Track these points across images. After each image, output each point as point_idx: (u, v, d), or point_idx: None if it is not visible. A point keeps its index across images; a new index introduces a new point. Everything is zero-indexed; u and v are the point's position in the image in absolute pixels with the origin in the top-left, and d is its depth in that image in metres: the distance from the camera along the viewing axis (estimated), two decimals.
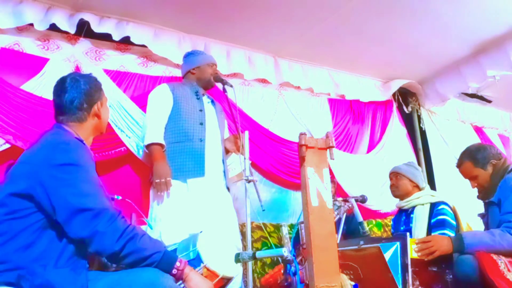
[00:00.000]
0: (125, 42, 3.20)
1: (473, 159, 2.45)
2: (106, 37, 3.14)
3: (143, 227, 2.26)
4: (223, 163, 2.69)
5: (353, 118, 4.40)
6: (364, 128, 4.46)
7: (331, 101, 4.30)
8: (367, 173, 4.17)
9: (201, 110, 2.67)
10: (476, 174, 2.43)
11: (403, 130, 4.67)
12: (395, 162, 3.69)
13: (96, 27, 3.04)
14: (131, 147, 3.02)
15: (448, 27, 3.52)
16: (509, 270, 1.87)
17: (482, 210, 2.53)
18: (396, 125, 4.63)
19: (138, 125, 3.07)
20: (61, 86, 1.61)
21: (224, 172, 2.68)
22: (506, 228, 2.05)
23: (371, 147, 4.42)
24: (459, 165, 2.53)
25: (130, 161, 3.11)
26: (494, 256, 1.93)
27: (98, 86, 1.68)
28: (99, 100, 1.66)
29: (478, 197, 2.50)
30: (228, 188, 2.69)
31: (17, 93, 2.78)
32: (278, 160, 3.73)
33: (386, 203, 4.11)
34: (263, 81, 3.89)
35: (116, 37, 3.11)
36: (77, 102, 1.59)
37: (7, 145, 2.68)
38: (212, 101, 2.86)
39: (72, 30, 2.98)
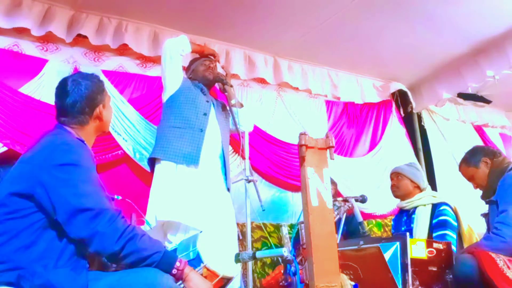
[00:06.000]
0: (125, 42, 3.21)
1: (466, 160, 2.57)
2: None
3: (143, 227, 2.26)
4: (223, 161, 2.67)
5: (348, 122, 4.39)
6: (361, 130, 4.45)
7: (329, 103, 4.29)
8: (362, 176, 4.16)
9: (207, 101, 2.66)
10: (472, 174, 2.52)
11: (402, 130, 4.67)
12: (394, 163, 3.69)
13: (94, 39, 3.05)
14: (128, 151, 3.03)
15: (447, 27, 3.53)
16: (508, 268, 1.88)
17: (484, 209, 2.55)
18: (395, 126, 4.62)
19: (135, 129, 3.08)
20: (62, 89, 1.58)
21: (224, 171, 2.66)
22: (493, 234, 2.10)
23: (368, 150, 4.40)
24: (458, 168, 2.63)
25: (127, 160, 3.11)
26: (493, 255, 1.95)
27: (100, 88, 1.65)
28: (101, 103, 1.63)
29: (481, 197, 2.52)
30: (228, 189, 2.68)
31: (16, 96, 2.79)
32: (276, 163, 3.73)
33: (381, 205, 4.12)
34: (262, 81, 3.90)
35: (115, 45, 3.14)
36: (78, 106, 1.56)
37: (5, 148, 2.69)
38: (216, 102, 2.86)
39: (68, 40, 2.99)
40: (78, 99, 1.56)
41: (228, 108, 2.77)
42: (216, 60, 2.88)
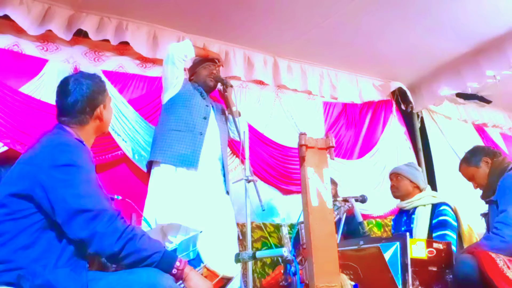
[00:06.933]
0: (125, 43, 3.20)
1: (466, 159, 2.58)
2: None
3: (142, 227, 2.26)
4: (222, 163, 2.68)
5: (346, 123, 4.38)
6: (360, 131, 4.44)
7: (327, 105, 4.29)
8: (360, 177, 4.16)
9: (207, 106, 2.68)
10: (472, 174, 2.53)
11: (402, 130, 4.66)
12: (392, 164, 3.69)
13: (94, 35, 3.05)
14: (127, 152, 3.04)
15: (447, 27, 3.52)
16: (508, 268, 1.88)
17: (484, 209, 2.56)
18: (394, 126, 4.61)
19: (134, 129, 3.08)
20: (64, 88, 1.58)
21: (223, 173, 2.67)
22: (493, 234, 2.11)
23: (366, 150, 4.39)
24: (458, 168, 2.63)
25: (127, 160, 3.12)
26: (493, 255, 1.95)
27: (101, 88, 1.65)
28: (102, 103, 1.63)
29: (481, 196, 2.52)
30: (227, 192, 2.68)
31: (16, 96, 2.79)
32: (272, 165, 3.73)
33: (379, 206, 4.12)
34: (261, 82, 3.90)
35: (115, 42, 3.14)
36: (79, 106, 1.56)
37: (5, 148, 2.69)
38: (216, 105, 2.86)
39: (68, 37, 2.98)
40: (79, 98, 1.56)
41: (227, 113, 2.81)
42: (220, 64, 2.89)
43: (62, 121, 1.58)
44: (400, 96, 4.70)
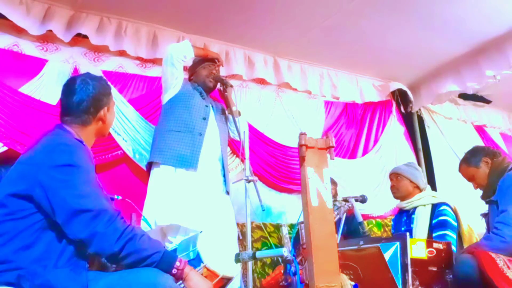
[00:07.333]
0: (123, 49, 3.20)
1: (466, 160, 2.58)
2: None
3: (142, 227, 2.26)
4: (222, 163, 2.68)
5: (347, 122, 4.38)
6: (360, 131, 4.43)
7: (328, 104, 4.29)
8: (360, 177, 4.15)
9: (207, 106, 2.68)
10: (472, 174, 2.53)
11: (402, 130, 4.66)
12: (392, 164, 3.68)
13: (94, 38, 3.05)
14: (128, 151, 3.04)
15: (447, 27, 3.52)
16: (508, 268, 1.88)
17: (484, 209, 2.56)
18: (394, 126, 4.61)
19: (134, 129, 3.08)
20: (70, 87, 1.59)
21: (223, 173, 2.67)
22: (493, 234, 2.11)
23: (365, 150, 4.39)
24: (458, 169, 2.64)
25: (127, 160, 3.12)
26: (493, 255, 1.95)
27: (107, 91, 1.67)
28: (106, 105, 1.64)
29: (481, 197, 2.52)
30: (227, 192, 2.68)
31: (16, 96, 2.78)
32: (273, 165, 3.73)
33: (379, 206, 4.12)
34: (261, 82, 3.89)
35: (113, 47, 3.13)
36: (84, 106, 1.57)
37: (5, 148, 2.68)
38: (216, 105, 2.86)
39: (67, 38, 2.99)
40: (84, 98, 1.57)
41: (227, 113, 2.81)
42: (220, 64, 2.89)
43: (65, 120, 1.59)
44: (400, 96, 4.70)
